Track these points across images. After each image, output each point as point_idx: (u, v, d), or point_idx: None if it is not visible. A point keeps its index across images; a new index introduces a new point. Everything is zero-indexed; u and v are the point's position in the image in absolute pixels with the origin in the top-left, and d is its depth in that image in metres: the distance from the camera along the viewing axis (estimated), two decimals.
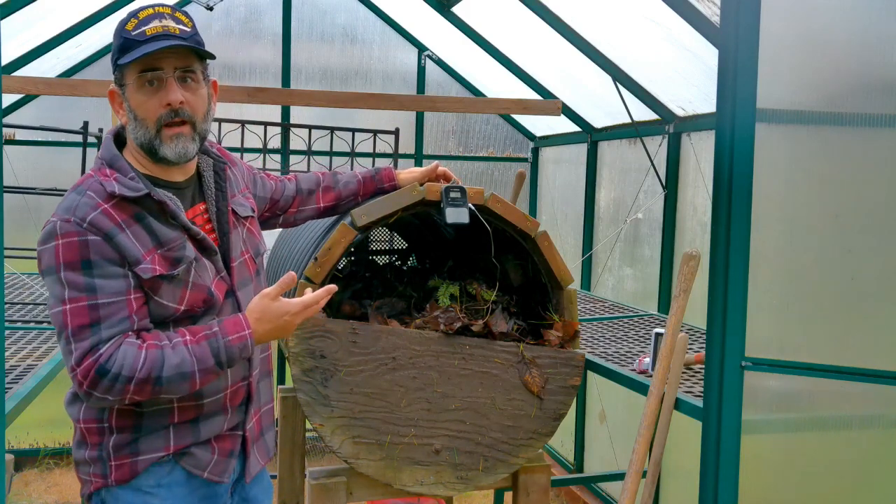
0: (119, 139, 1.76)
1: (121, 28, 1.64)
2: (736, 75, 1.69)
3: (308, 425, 2.59)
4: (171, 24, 1.63)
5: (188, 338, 1.62)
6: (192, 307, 1.69)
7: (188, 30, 1.66)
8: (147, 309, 1.65)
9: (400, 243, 3.40)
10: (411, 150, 5.53)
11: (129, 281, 1.61)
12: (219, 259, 1.76)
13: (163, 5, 1.66)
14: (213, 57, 1.71)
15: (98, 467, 1.70)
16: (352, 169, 4.71)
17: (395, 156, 4.83)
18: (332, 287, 1.73)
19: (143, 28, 1.61)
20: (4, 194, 1.45)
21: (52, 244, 1.57)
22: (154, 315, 1.66)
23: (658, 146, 4.07)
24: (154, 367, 1.56)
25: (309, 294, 1.71)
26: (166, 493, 1.70)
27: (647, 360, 2.52)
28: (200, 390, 1.69)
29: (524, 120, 5.58)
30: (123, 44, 1.62)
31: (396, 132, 4.81)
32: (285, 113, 5.20)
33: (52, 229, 1.58)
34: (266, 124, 4.55)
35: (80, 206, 1.59)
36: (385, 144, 4.88)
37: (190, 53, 1.66)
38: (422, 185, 2.22)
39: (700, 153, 3.80)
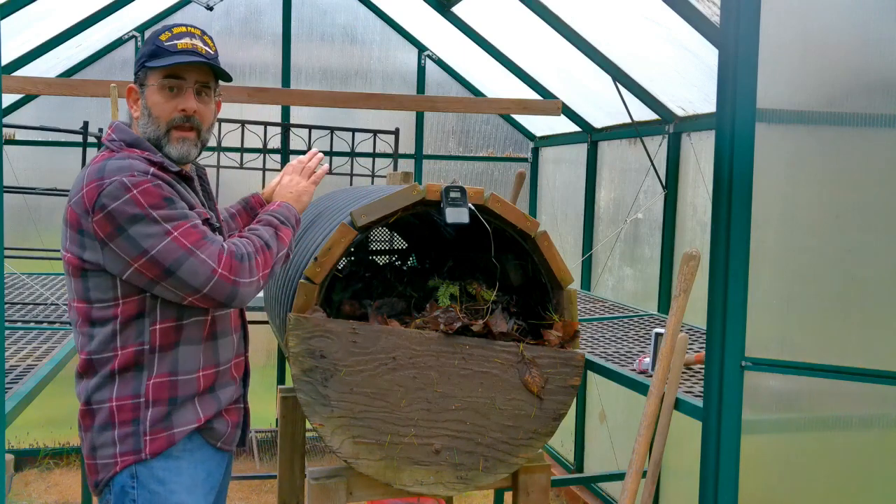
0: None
1: (154, 37, 1.88)
2: (736, 75, 1.69)
3: (308, 425, 2.59)
4: (200, 44, 1.88)
5: (247, 227, 1.98)
6: None
7: (213, 53, 1.91)
8: None
9: (400, 243, 3.40)
10: (411, 150, 5.53)
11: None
12: None
13: (195, 27, 1.92)
14: (229, 79, 1.95)
15: (129, 444, 1.82)
16: (351, 170, 4.75)
17: (395, 156, 4.83)
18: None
19: (176, 42, 1.86)
20: (4, 194, 1.45)
21: (127, 196, 1.71)
22: None
23: (658, 146, 4.07)
24: (255, 238, 1.87)
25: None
26: (190, 456, 1.89)
27: (647, 360, 2.52)
28: (217, 356, 1.92)
29: (524, 120, 5.58)
30: (155, 51, 1.86)
31: (396, 132, 4.81)
32: (285, 113, 5.19)
33: (120, 184, 1.72)
34: (266, 124, 4.55)
35: (134, 164, 1.77)
36: (385, 144, 4.88)
37: (209, 72, 1.91)
38: (421, 185, 2.22)
39: (700, 153, 3.80)
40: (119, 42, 4.96)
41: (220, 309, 1.89)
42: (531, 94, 4.83)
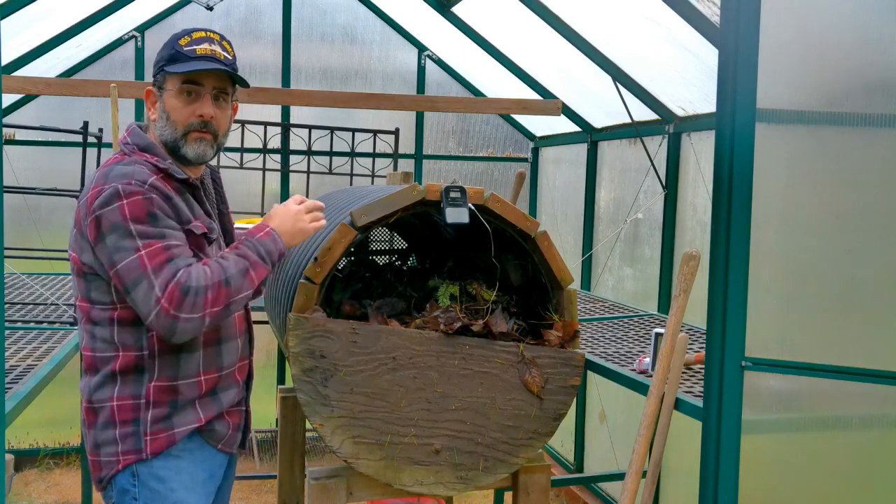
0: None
1: (174, 41, 1.89)
2: (736, 75, 1.69)
3: (308, 425, 2.59)
4: (219, 49, 1.90)
5: (226, 251, 1.86)
6: None
7: (230, 58, 1.93)
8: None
9: (400, 243, 3.40)
10: (411, 150, 5.53)
11: (184, 236, 1.82)
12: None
13: (214, 32, 1.93)
14: (246, 85, 1.97)
15: (130, 443, 1.83)
16: (351, 170, 4.75)
17: (395, 156, 4.83)
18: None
19: (194, 47, 1.87)
20: (4, 194, 1.45)
21: (116, 204, 1.73)
22: None
23: (658, 146, 4.07)
24: (219, 271, 1.77)
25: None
26: (190, 455, 1.90)
27: (647, 360, 2.52)
28: (220, 360, 1.92)
29: (524, 120, 5.58)
30: (174, 55, 1.87)
31: (396, 132, 4.81)
32: (285, 113, 5.19)
33: (113, 192, 1.74)
34: (266, 124, 4.55)
35: (136, 171, 1.78)
36: (385, 144, 4.88)
37: (227, 78, 1.92)
38: (421, 185, 2.23)
39: (700, 153, 3.80)
40: (119, 42, 4.96)
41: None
42: (531, 94, 4.82)
